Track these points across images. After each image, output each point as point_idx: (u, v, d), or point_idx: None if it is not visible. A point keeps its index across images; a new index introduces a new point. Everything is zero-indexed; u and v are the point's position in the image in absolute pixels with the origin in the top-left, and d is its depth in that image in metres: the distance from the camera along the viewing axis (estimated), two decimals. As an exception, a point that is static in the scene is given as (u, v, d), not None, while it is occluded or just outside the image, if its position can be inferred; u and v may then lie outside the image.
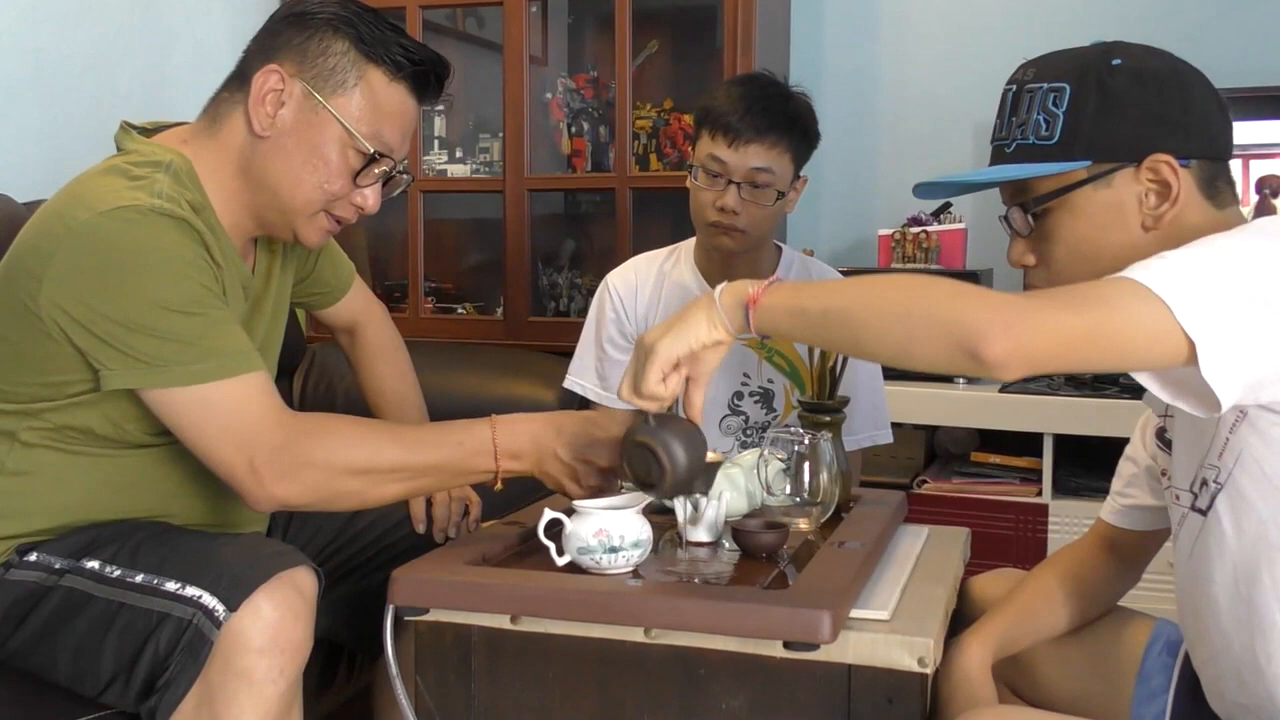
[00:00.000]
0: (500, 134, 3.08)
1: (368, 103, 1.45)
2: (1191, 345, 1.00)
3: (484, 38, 3.34)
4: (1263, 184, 2.70)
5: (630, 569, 1.32)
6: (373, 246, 3.35)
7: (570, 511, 1.34)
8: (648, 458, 1.27)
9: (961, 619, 1.52)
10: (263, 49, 1.47)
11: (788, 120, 1.92)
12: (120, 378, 1.33)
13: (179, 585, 1.30)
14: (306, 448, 1.35)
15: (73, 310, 1.32)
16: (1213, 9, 2.88)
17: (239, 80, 1.47)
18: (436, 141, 3.27)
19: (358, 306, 1.88)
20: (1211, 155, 1.20)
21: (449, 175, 3.20)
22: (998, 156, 1.26)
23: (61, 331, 1.34)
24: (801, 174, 1.99)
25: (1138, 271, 1.04)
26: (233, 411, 1.34)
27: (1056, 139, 1.20)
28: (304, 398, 2.79)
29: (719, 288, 1.21)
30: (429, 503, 1.68)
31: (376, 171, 1.48)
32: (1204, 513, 1.18)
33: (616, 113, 2.95)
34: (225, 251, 1.46)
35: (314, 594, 1.33)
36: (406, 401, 1.87)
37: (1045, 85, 1.21)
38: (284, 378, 2.75)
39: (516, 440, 1.42)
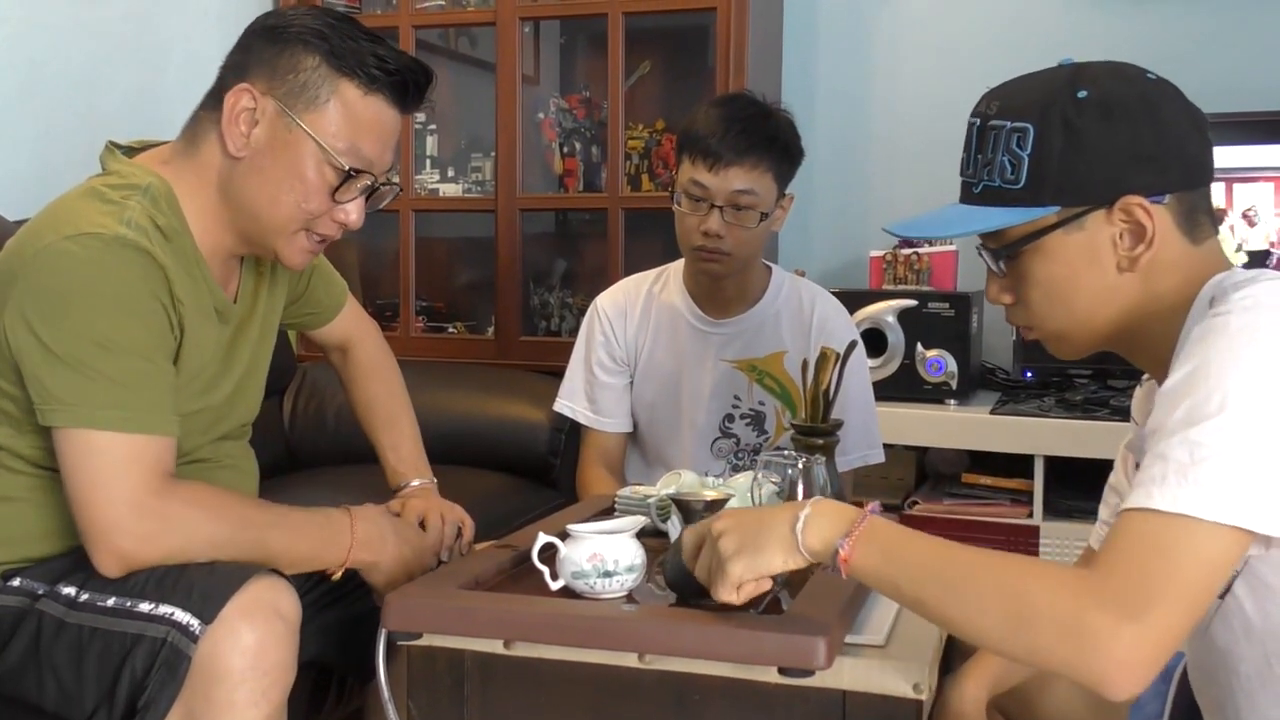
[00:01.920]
0: (492, 153, 3.08)
1: (342, 117, 1.42)
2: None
3: (476, 57, 3.35)
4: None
5: (624, 593, 1.32)
6: (364, 265, 3.34)
7: (564, 535, 1.34)
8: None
9: (956, 644, 1.51)
10: (236, 66, 1.44)
11: (767, 140, 1.91)
12: (42, 416, 1.33)
13: (151, 605, 1.29)
14: (167, 521, 1.33)
15: (22, 336, 1.33)
16: (1200, 33, 2.90)
17: (214, 99, 1.45)
18: (428, 160, 3.27)
19: (350, 325, 1.87)
20: (1188, 185, 1.15)
21: (441, 194, 3.21)
22: (966, 195, 1.22)
23: (14, 356, 1.34)
24: (788, 192, 1.98)
25: (1186, 495, 0.98)
26: (117, 466, 1.31)
27: (1022, 184, 1.14)
28: (294, 417, 2.79)
29: (804, 515, 1.13)
30: (422, 525, 1.68)
31: (357, 186, 1.46)
32: (1220, 596, 1.15)
33: (609, 133, 2.96)
34: (198, 279, 1.45)
35: (295, 615, 1.32)
36: (398, 420, 1.86)
37: (1008, 124, 1.16)
38: (274, 397, 2.75)
39: (365, 526, 1.49)
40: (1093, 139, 1.13)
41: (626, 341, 2.09)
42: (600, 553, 1.30)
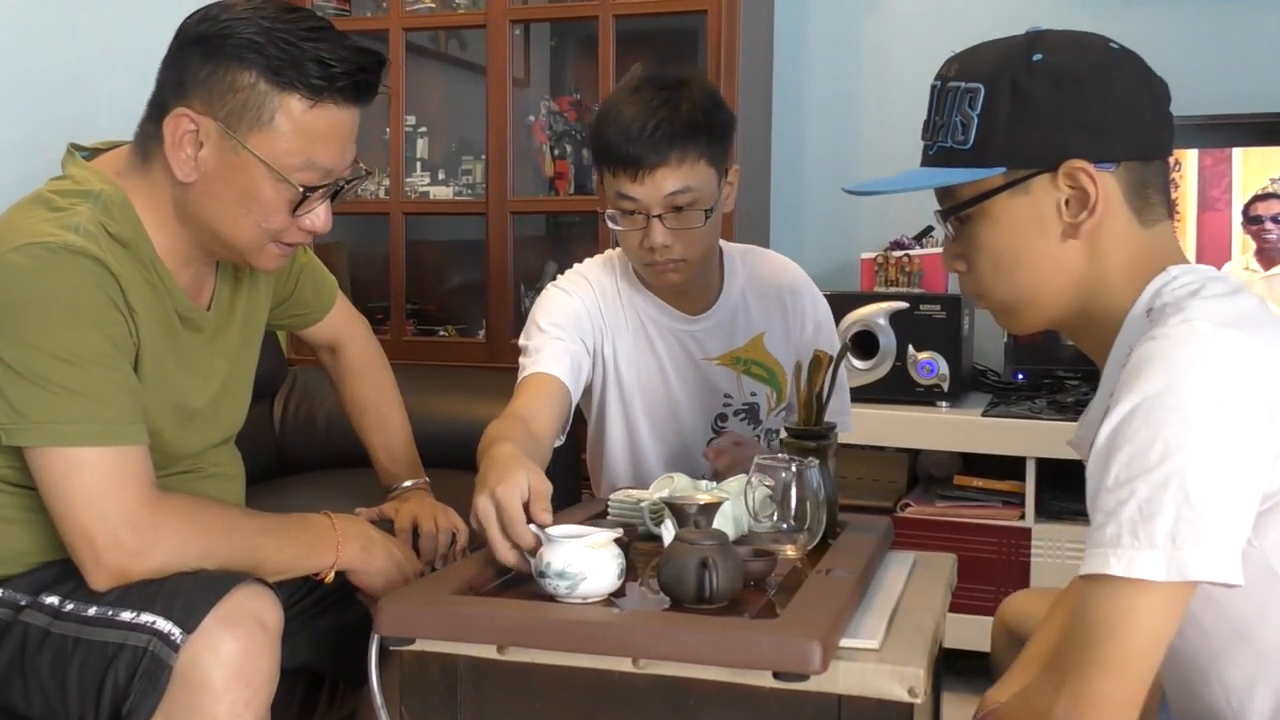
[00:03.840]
0: (483, 156, 3.08)
1: (292, 133, 1.34)
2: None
3: (467, 59, 3.35)
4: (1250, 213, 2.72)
5: (584, 600, 1.29)
6: (354, 268, 3.34)
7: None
8: (704, 574, 1.26)
9: (1006, 639, 1.51)
10: (172, 83, 1.37)
11: (688, 128, 1.70)
12: (7, 435, 1.30)
13: (133, 614, 1.28)
14: (161, 533, 1.31)
15: None
16: (1189, 35, 2.91)
17: (157, 111, 1.39)
18: (419, 163, 3.26)
19: (340, 323, 1.85)
20: (1139, 155, 1.15)
21: (431, 197, 3.20)
22: (924, 157, 1.23)
23: None
24: (731, 165, 1.79)
25: (1142, 560, 1.01)
26: (104, 481, 1.29)
27: (970, 145, 1.16)
28: (285, 421, 2.78)
29: None
30: (415, 534, 1.67)
31: (319, 194, 1.40)
32: None
33: (599, 135, 2.95)
34: (158, 287, 1.41)
35: (277, 624, 1.31)
36: (389, 420, 1.85)
37: (962, 85, 1.17)
38: (265, 401, 2.74)
39: (349, 528, 1.48)
40: (1040, 103, 1.14)
41: (604, 336, 1.90)
42: (561, 558, 1.28)
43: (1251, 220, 2.70)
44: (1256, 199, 2.71)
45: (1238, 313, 1.08)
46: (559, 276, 1.95)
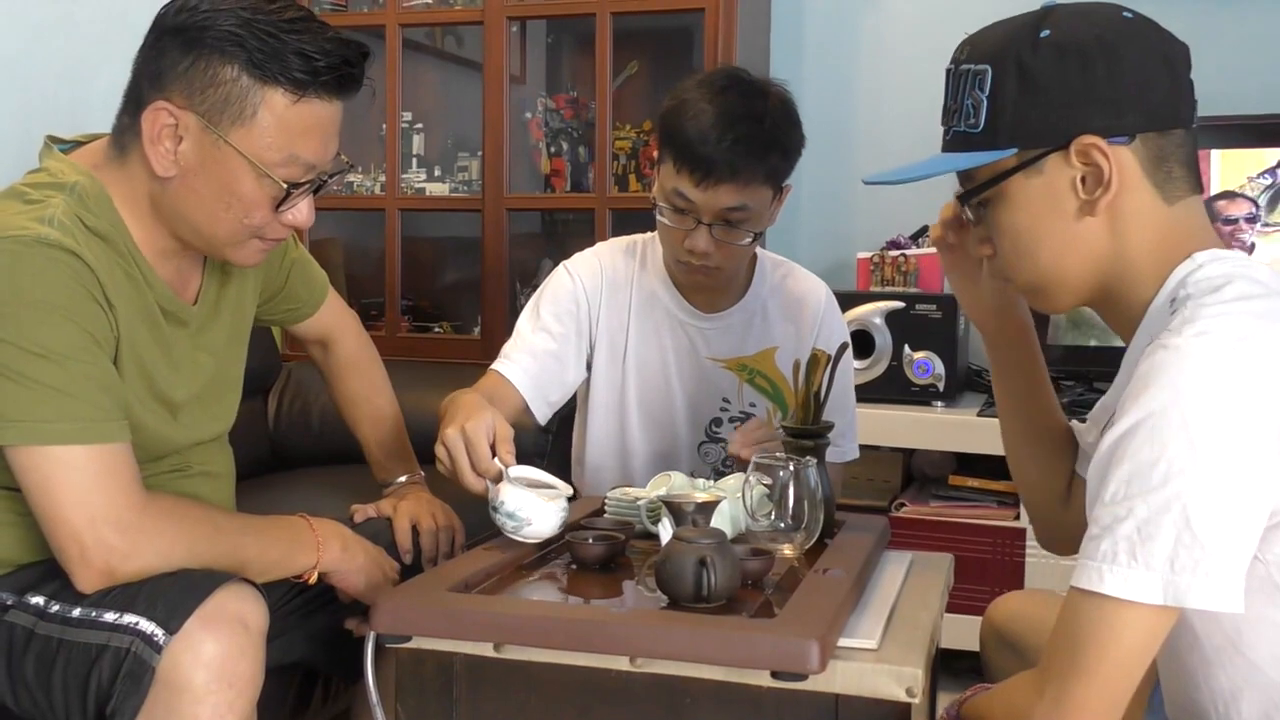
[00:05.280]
0: (479, 153, 3.07)
1: (274, 128, 1.32)
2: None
3: (464, 56, 3.34)
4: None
5: (525, 541, 1.46)
6: (349, 264, 3.33)
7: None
8: (702, 573, 1.26)
9: (995, 640, 1.52)
10: (151, 75, 1.35)
11: (763, 148, 1.71)
12: None
13: (116, 615, 1.27)
14: (148, 534, 1.29)
15: None
16: (1188, 36, 2.90)
17: (134, 105, 1.36)
18: (414, 159, 3.25)
19: (331, 319, 1.84)
20: (1154, 127, 1.12)
21: (427, 193, 3.19)
22: (943, 143, 1.23)
23: None
24: (785, 184, 1.82)
25: (1136, 579, 1.01)
26: (89, 481, 1.27)
27: (982, 127, 1.15)
28: (279, 417, 2.77)
29: None
30: (415, 532, 1.66)
31: (302, 190, 1.38)
32: None
33: (596, 133, 2.95)
34: (138, 281, 1.39)
35: (260, 625, 1.30)
36: (382, 414, 1.84)
37: (972, 67, 1.16)
38: (258, 397, 2.73)
39: (326, 528, 1.49)
40: (1046, 80, 1.12)
41: (601, 324, 1.91)
42: (510, 499, 1.44)
43: (1226, 220, 2.70)
44: (1221, 197, 2.69)
45: (1258, 317, 1.04)
46: (575, 255, 1.98)
